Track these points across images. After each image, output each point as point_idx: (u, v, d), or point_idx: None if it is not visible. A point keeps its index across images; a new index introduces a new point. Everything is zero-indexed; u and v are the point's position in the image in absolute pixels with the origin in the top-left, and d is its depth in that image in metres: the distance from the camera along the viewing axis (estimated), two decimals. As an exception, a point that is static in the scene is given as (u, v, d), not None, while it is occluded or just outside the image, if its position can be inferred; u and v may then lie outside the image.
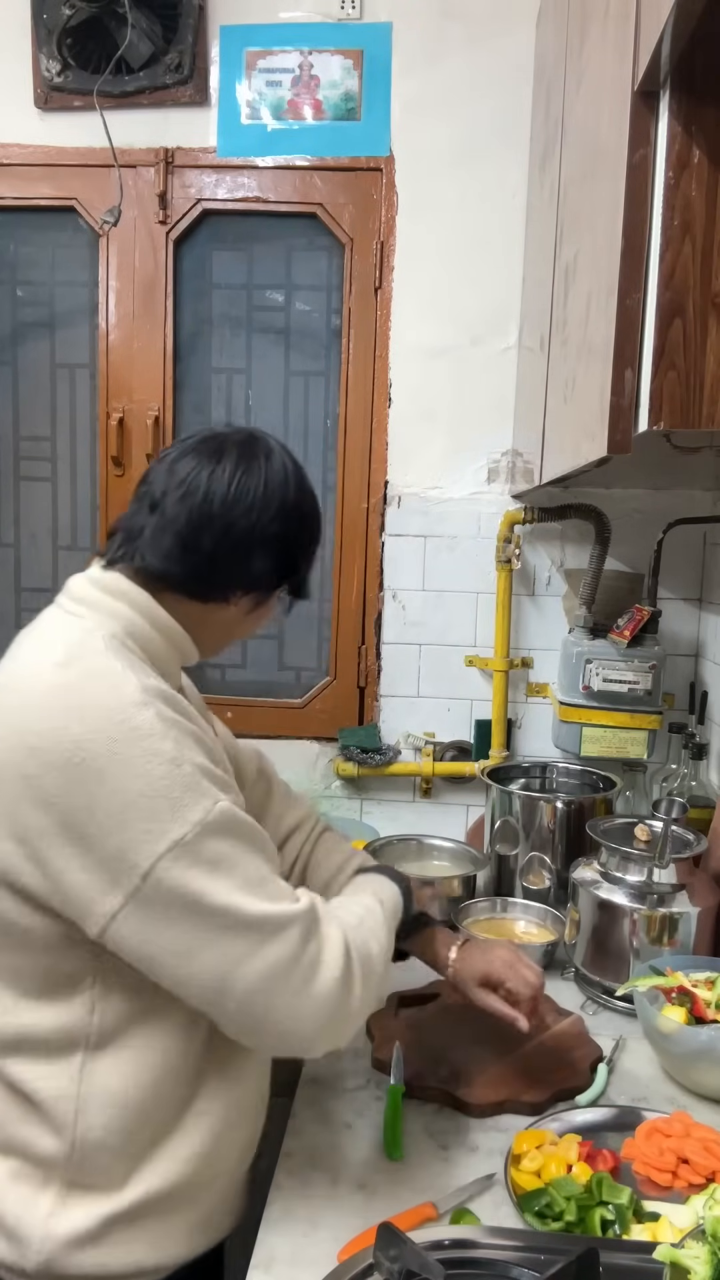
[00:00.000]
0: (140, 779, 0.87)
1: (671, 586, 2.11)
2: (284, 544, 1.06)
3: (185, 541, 1.02)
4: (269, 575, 1.07)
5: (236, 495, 1.02)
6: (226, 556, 1.03)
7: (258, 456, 1.05)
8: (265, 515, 1.03)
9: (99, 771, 0.87)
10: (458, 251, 2.12)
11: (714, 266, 1.00)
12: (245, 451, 1.05)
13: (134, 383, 2.20)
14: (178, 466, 1.04)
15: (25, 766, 0.88)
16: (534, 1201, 1.04)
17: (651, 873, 1.50)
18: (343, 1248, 1.00)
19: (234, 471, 1.03)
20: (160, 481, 1.04)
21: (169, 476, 1.04)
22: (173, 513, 1.02)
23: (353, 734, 2.21)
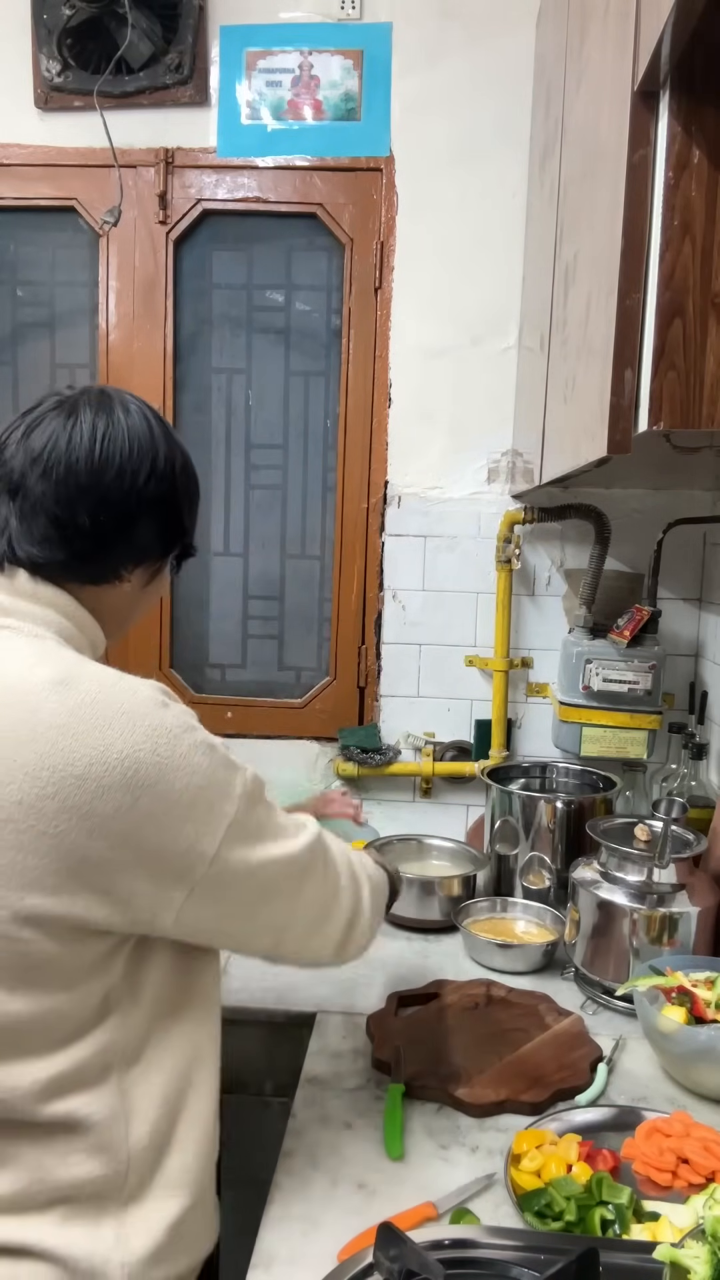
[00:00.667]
0: (190, 774, 0.87)
1: (671, 586, 2.11)
2: (166, 505, 0.98)
3: (60, 522, 0.93)
4: (158, 541, 0.99)
5: (104, 459, 0.93)
6: (110, 530, 0.94)
7: (114, 412, 0.96)
8: (139, 476, 0.95)
9: (152, 781, 0.84)
10: (458, 251, 2.12)
11: (714, 266, 1.00)
12: (101, 409, 0.96)
13: (134, 383, 2.20)
14: (31, 440, 0.94)
15: (73, 799, 0.82)
16: (534, 1201, 1.04)
17: (651, 873, 1.50)
18: (343, 1247, 1.00)
19: (93, 433, 0.94)
20: (17, 461, 0.94)
21: (24, 454, 0.93)
22: (38, 492, 0.93)
23: (353, 734, 2.21)
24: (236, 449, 2.26)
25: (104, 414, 0.96)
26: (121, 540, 0.96)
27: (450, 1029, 1.42)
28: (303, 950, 1.03)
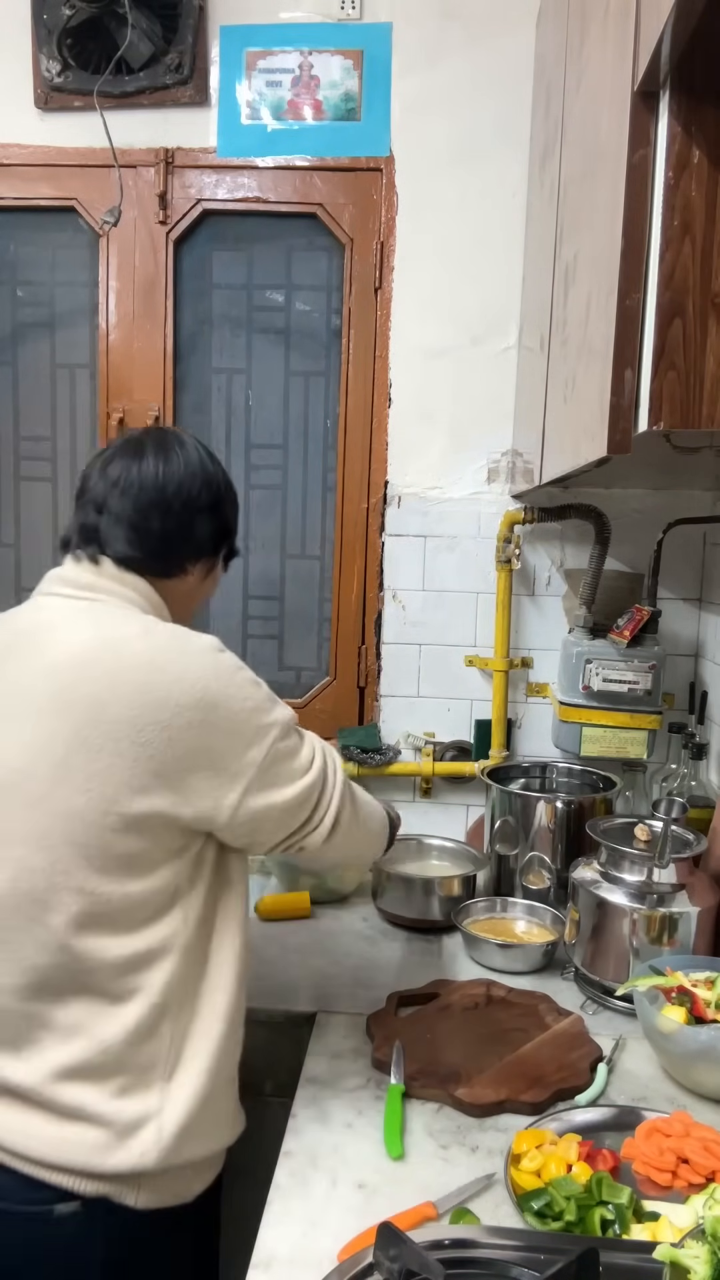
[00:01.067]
0: (244, 699, 1.09)
1: (671, 586, 2.11)
2: (216, 511, 1.24)
3: (137, 527, 1.18)
4: (210, 540, 1.24)
5: (165, 478, 1.20)
6: (174, 532, 1.19)
7: (172, 446, 1.22)
8: (194, 489, 1.20)
9: (216, 703, 1.07)
10: (458, 251, 2.12)
11: (714, 266, 1.00)
12: (160, 444, 1.23)
13: (134, 383, 2.20)
14: (109, 471, 1.21)
15: (156, 716, 1.04)
16: (534, 1201, 1.04)
17: (651, 873, 1.50)
18: (343, 1247, 1.00)
19: (156, 462, 1.20)
20: (99, 487, 1.21)
21: (103, 480, 1.21)
22: (118, 507, 1.18)
23: (353, 734, 2.21)
24: (236, 449, 2.26)
25: (163, 447, 1.22)
26: (183, 540, 1.20)
27: (450, 1029, 1.42)
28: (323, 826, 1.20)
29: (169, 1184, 1.11)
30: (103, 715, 1.04)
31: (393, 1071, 1.29)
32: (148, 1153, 1.07)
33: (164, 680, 1.06)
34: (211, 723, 1.07)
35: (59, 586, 1.18)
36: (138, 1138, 1.07)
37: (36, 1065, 1.08)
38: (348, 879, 1.93)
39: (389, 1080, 1.29)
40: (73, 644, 1.09)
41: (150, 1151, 1.07)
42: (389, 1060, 1.31)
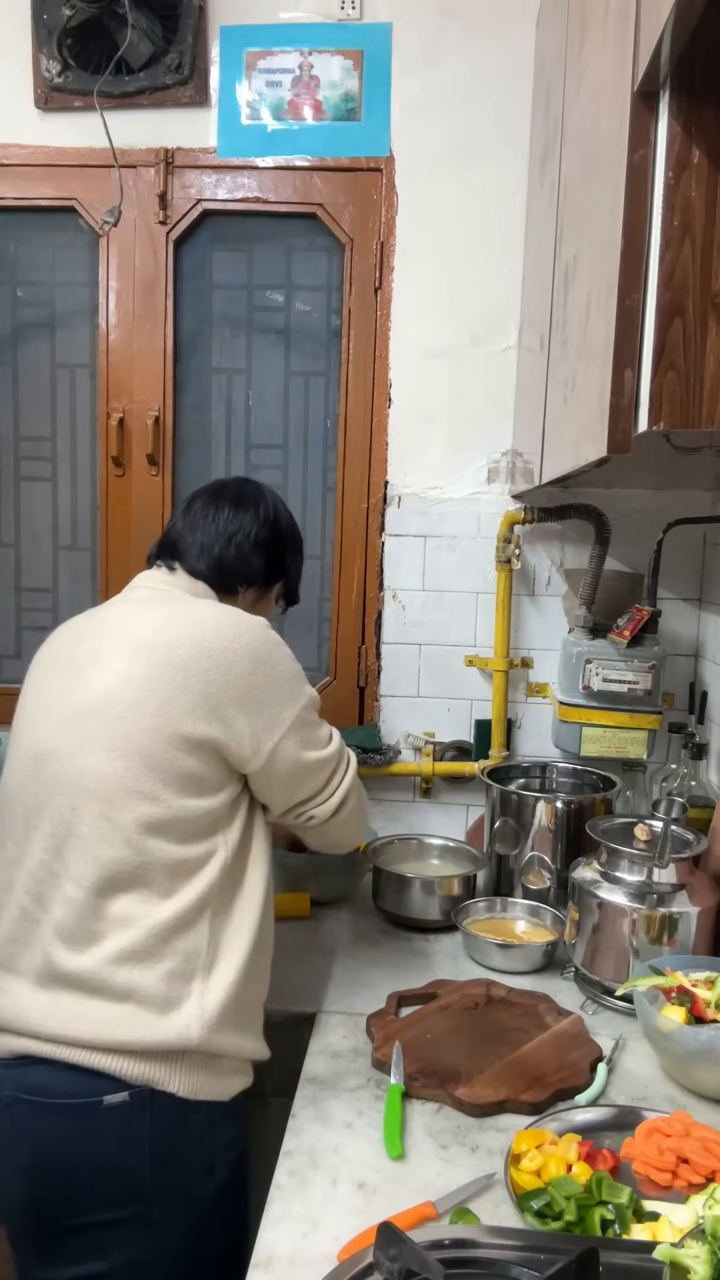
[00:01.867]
0: (286, 664, 1.32)
1: (671, 586, 2.11)
2: (270, 548, 1.47)
3: (206, 550, 1.43)
4: (263, 572, 1.46)
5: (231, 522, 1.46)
6: (231, 560, 1.44)
7: (248, 498, 1.48)
8: (253, 527, 1.46)
9: (266, 660, 1.28)
10: (457, 251, 2.12)
11: (714, 266, 1.00)
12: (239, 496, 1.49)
13: (134, 383, 2.20)
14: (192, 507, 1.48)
15: (219, 660, 1.25)
16: (534, 1201, 1.04)
17: (651, 873, 1.50)
18: (343, 1247, 1.00)
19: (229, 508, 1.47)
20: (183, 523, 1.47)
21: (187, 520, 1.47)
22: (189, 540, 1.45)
23: (353, 734, 2.21)
24: (236, 449, 2.26)
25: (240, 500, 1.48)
26: (240, 567, 1.44)
27: (450, 1029, 1.42)
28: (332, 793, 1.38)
29: (208, 1072, 1.21)
30: (175, 655, 1.24)
31: (393, 1071, 1.29)
32: (190, 1025, 1.19)
33: (226, 635, 1.27)
34: (261, 675, 1.27)
35: (147, 582, 1.42)
36: (182, 1012, 1.19)
37: (95, 953, 1.20)
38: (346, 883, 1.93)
39: (389, 1080, 1.29)
40: (156, 612, 1.33)
41: (194, 1025, 1.19)
42: (389, 1060, 1.31)
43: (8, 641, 2.33)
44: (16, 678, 1.28)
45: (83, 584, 2.30)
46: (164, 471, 2.22)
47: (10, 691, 2.32)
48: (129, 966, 1.20)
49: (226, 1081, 1.24)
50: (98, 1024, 1.18)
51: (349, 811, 1.39)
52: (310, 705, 1.34)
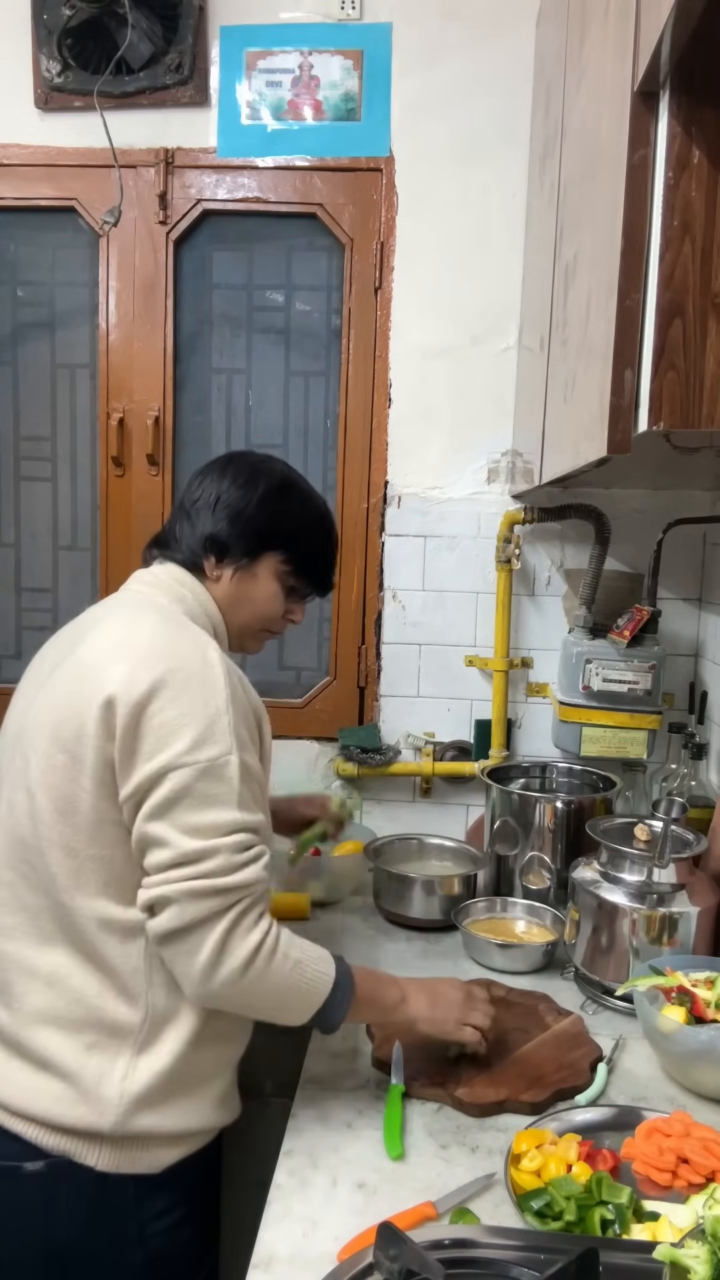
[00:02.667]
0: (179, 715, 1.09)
1: (671, 586, 2.11)
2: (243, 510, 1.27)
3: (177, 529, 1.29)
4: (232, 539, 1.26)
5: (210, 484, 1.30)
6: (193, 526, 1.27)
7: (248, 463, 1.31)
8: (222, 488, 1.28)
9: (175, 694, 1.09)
10: (458, 251, 2.12)
11: (714, 266, 1.00)
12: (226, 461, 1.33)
13: (134, 383, 2.20)
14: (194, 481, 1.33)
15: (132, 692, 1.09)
16: (534, 1201, 1.04)
17: (651, 873, 1.50)
18: (343, 1247, 1.00)
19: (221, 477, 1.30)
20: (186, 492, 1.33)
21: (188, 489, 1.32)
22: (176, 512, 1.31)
23: (353, 734, 2.21)
24: (236, 449, 2.25)
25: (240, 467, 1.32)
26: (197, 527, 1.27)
27: None
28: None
29: (131, 1150, 1.13)
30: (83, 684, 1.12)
31: (393, 1072, 1.29)
32: (105, 1113, 1.10)
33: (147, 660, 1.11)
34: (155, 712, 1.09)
35: (132, 584, 1.30)
36: (98, 1094, 1.11)
37: (15, 1008, 1.14)
38: (345, 886, 1.93)
39: (389, 1080, 1.29)
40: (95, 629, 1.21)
41: (109, 1113, 1.10)
42: (389, 1060, 1.31)
43: (8, 641, 2.33)
44: (16, 678, 1.27)
45: (83, 584, 2.30)
46: (164, 471, 2.22)
47: (10, 691, 2.33)
48: (49, 1030, 1.13)
49: (155, 1155, 1.15)
50: (16, 1088, 1.13)
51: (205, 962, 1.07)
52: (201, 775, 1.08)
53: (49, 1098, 1.12)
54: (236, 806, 1.09)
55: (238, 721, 1.12)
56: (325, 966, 1.16)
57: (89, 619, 1.26)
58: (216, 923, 1.06)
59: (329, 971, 1.16)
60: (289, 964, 1.12)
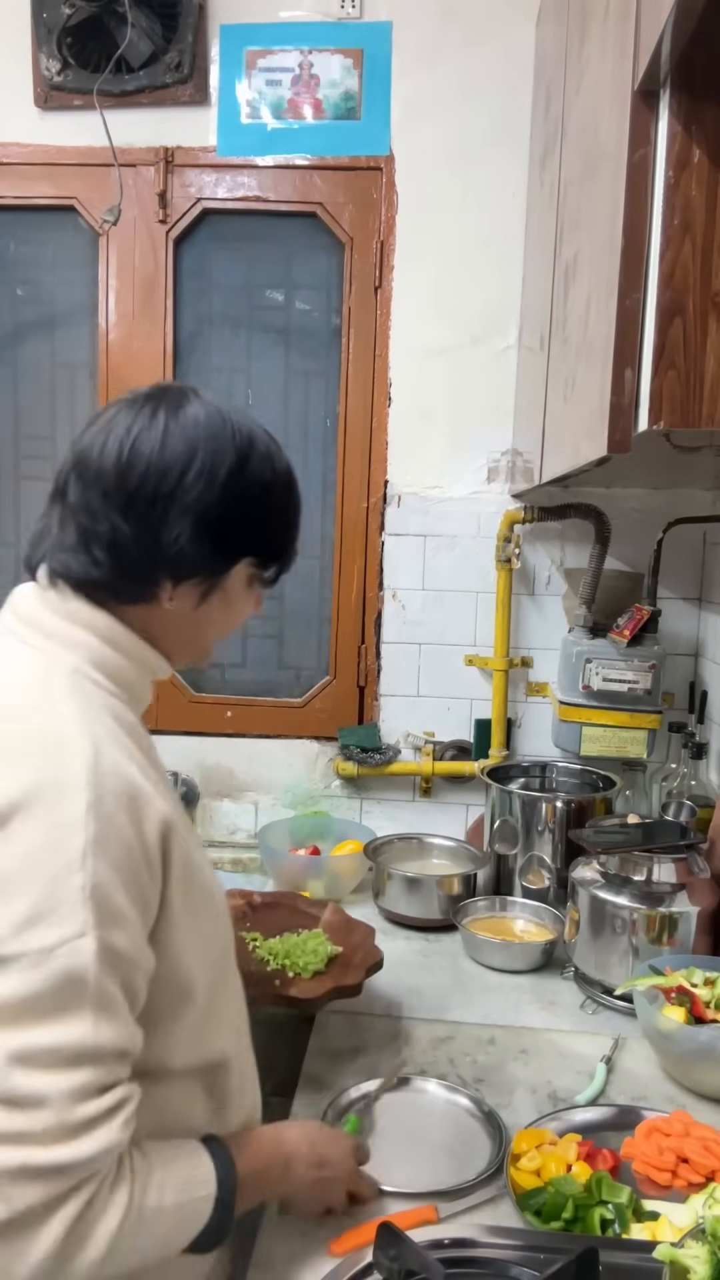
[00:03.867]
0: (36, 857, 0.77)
1: (671, 586, 2.11)
2: (209, 513, 0.88)
3: (85, 530, 0.88)
4: (204, 558, 0.90)
5: (131, 458, 0.87)
6: (135, 540, 0.87)
7: (163, 408, 0.89)
8: (169, 479, 0.87)
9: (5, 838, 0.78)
10: (458, 251, 2.11)
11: (714, 266, 1.00)
12: (155, 403, 0.89)
13: (134, 382, 2.17)
14: (83, 439, 0.90)
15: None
16: (533, 1201, 1.04)
17: (651, 872, 1.50)
18: (337, 1239, 1.01)
19: (127, 431, 0.87)
20: (67, 462, 0.90)
21: (72, 455, 0.90)
22: (72, 497, 0.89)
23: (352, 733, 2.21)
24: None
25: (150, 410, 0.89)
26: (149, 552, 0.88)
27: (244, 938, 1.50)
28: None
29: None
30: None
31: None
32: None
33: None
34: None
35: (12, 617, 0.91)
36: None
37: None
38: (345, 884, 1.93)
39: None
40: None
41: None
42: None
43: (7, 641, 2.33)
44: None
45: (82, 583, 2.30)
46: (164, 471, 2.21)
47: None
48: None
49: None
50: None
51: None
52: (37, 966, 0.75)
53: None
54: (90, 1020, 0.76)
55: (106, 879, 0.78)
56: (205, 1189, 0.87)
57: None
58: (52, 1214, 0.75)
59: (209, 1193, 0.87)
60: (165, 1218, 0.83)
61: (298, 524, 1.00)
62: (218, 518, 0.89)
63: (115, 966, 0.79)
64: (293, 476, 0.98)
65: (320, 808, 2.23)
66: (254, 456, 0.92)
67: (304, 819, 2.12)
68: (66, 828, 0.77)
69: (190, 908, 0.89)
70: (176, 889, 0.86)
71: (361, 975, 1.41)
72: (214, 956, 0.95)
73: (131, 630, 0.91)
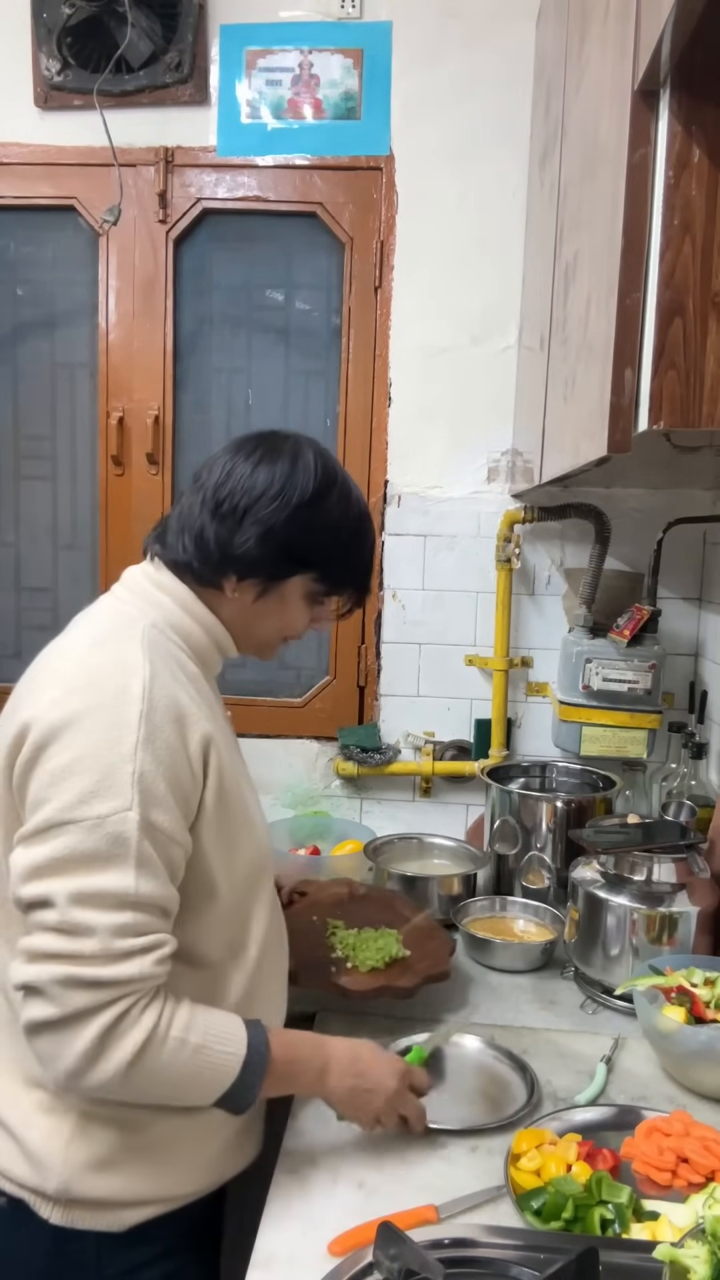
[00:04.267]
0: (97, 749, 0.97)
1: (671, 586, 2.11)
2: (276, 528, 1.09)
3: (185, 524, 1.13)
4: (259, 559, 1.10)
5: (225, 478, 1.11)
6: (214, 536, 1.10)
7: (283, 454, 1.12)
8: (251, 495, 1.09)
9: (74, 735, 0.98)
10: (458, 251, 2.12)
11: (714, 266, 1.00)
12: (254, 442, 1.14)
13: (134, 382, 2.20)
14: (203, 462, 1.17)
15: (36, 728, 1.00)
16: (534, 1201, 1.04)
17: (651, 872, 1.50)
18: (335, 1238, 1.01)
19: (232, 458, 1.13)
20: (207, 478, 1.14)
21: (210, 477, 1.14)
22: (183, 501, 1.15)
23: (352, 733, 2.21)
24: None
25: (253, 444, 1.14)
26: (223, 548, 1.10)
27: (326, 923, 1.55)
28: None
29: (83, 1210, 1.05)
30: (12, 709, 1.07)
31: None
32: (49, 1178, 1.04)
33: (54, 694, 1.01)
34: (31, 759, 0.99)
35: (124, 579, 1.17)
36: (42, 1159, 1.04)
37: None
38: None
39: None
40: (52, 643, 1.12)
41: (52, 1178, 1.04)
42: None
43: (7, 641, 2.33)
44: (15, 677, 1.24)
45: (82, 584, 2.30)
46: (164, 471, 2.22)
47: (9, 691, 2.33)
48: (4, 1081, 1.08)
49: (115, 1215, 1.05)
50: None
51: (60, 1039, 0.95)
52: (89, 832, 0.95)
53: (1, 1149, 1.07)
54: (133, 874, 0.96)
55: (151, 770, 0.98)
56: (233, 1045, 1.02)
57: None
58: (92, 1018, 0.94)
59: (237, 1051, 1.02)
60: (187, 1051, 0.99)
61: (362, 562, 1.20)
62: (283, 535, 1.10)
63: (155, 838, 0.98)
64: (365, 524, 1.19)
65: (320, 807, 2.23)
66: (329, 497, 1.13)
67: (304, 819, 2.12)
68: (123, 726, 0.98)
69: (222, 813, 1.07)
70: (211, 794, 1.05)
71: (418, 981, 1.40)
72: (241, 864, 1.11)
73: (211, 609, 1.14)
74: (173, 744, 1.01)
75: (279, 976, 1.23)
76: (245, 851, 1.12)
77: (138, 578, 1.15)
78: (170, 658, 1.07)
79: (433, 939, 1.53)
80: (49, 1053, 0.96)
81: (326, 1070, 1.11)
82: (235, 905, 1.12)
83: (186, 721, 1.03)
